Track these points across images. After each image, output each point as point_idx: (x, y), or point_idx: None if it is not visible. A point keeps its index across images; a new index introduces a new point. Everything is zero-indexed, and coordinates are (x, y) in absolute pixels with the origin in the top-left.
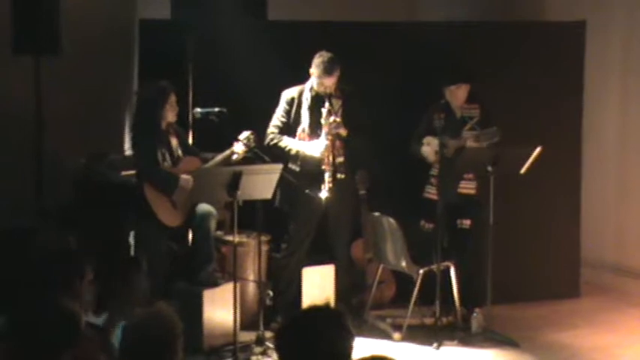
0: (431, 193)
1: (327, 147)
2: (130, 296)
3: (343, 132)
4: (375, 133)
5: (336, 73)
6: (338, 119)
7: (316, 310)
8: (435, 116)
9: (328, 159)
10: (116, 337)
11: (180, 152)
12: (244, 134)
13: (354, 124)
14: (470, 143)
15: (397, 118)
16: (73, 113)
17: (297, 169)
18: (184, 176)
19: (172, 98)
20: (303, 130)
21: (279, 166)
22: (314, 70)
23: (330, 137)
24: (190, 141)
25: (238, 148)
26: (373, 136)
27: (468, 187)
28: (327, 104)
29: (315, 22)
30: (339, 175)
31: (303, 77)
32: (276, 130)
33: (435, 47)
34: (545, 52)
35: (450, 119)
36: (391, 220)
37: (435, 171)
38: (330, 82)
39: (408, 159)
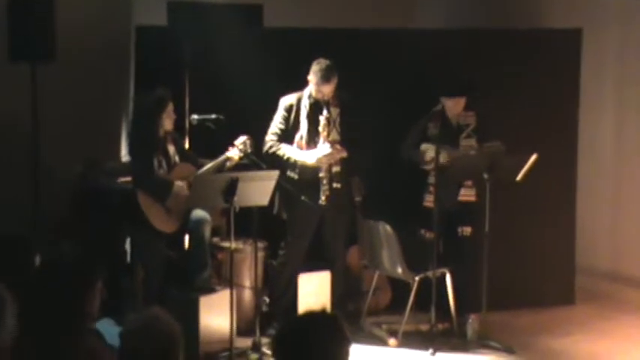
0: (430, 201)
1: (325, 156)
2: None
3: (344, 155)
4: (372, 140)
5: (334, 81)
6: (339, 147)
7: (312, 316)
8: (429, 124)
9: (326, 168)
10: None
11: (177, 159)
12: (240, 139)
13: (351, 131)
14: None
15: (394, 126)
16: (69, 120)
17: (296, 176)
18: (178, 183)
19: (170, 106)
20: (301, 138)
21: (276, 173)
22: (312, 78)
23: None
24: (187, 148)
25: (233, 153)
26: (370, 145)
27: (467, 194)
28: (325, 112)
29: (312, 29)
30: (334, 185)
31: (300, 84)
32: (274, 138)
33: (433, 55)
34: (542, 60)
35: (446, 127)
36: (387, 226)
37: (432, 179)
38: (328, 89)
39: (404, 166)
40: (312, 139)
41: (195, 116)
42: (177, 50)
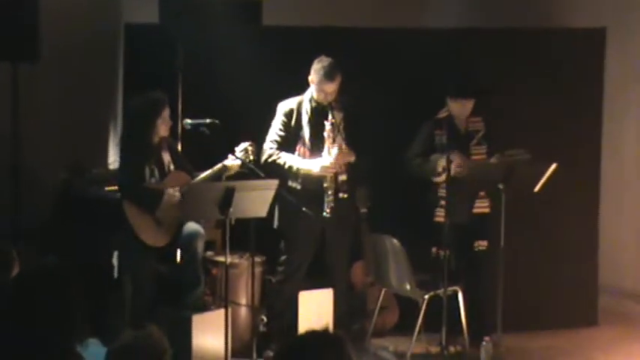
0: (441, 216)
1: (331, 164)
2: None
3: (352, 159)
4: (377, 147)
5: (338, 79)
6: (344, 147)
7: (314, 336)
8: (436, 132)
9: (331, 177)
10: None
11: (172, 168)
12: (242, 146)
13: (355, 138)
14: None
15: (401, 132)
16: (53, 124)
17: (299, 187)
18: (170, 190)
19: (166, 112)
20: (304, 145)
21: (275, 182)
22: (313, 77)
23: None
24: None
25: (232, 162)
26: (375, 151)
27: (481, 206)
28: (330, 117)
29: (314, 28)
30: (341, 195)
31: (301, 86)
32: (274, 146)
33: (442, 56)
34: (562, 62)
35: (454, 134)
36: (394, 240)
37: (443, 192)
38: (332, 88)
39: (411, 176)
40: (315, 146)
41: (188, 120)
42: (170, 50)
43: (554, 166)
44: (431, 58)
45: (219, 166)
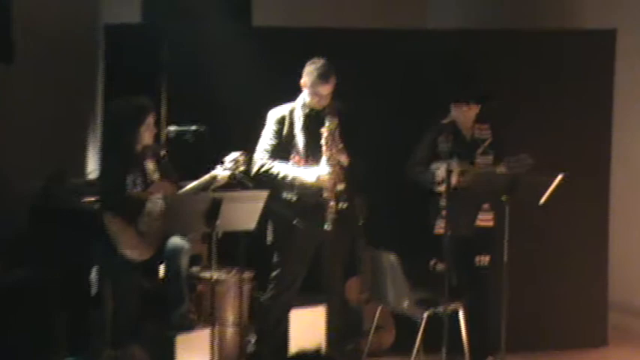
0: (442, 228)
1: (329, 173)
2: None
3: (345, 160)
4: (373, 154)
5: (333, 80)
6: (340, 145)
7: (305, 357)
8: (440, 138)
9: (331, 186)
10: None
11: (156, 177)
12: (232, 156)
13: (351, 145)
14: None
15: (399, 140)
16: (28, 130)
17: (294, 198)
18: (153, 197)
19: (150, 119)
20: (298, 154)
21: (265, 194)
22: (306, 80)
23: (332, 162)
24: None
25: (221, 172)
26: (371, 159)
27: (485, 218)
28: (327, 123)
29: (307, 28)
30: (341, 205)
31: (293, 90)
32: (266, 156)
33: (445, 59)
34: (570, 65)
35: (459, 142)
36: (391, 256)
37: (444, 202)
38: (326, 91)
39: (411, 186)
40: (311, 155)
41: (172, 128)
42: (153, 52)
43: (560, 176)
44: (432, 61)
45: (207, 176)
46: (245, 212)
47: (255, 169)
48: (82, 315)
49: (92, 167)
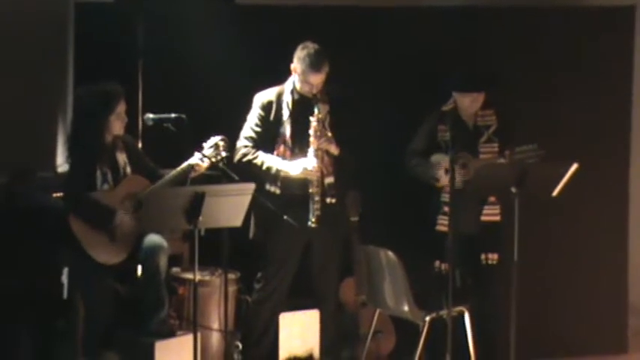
0: (444, 224)
1: (316, 166)
2: None
3: (334, 150)
4: (368, 146)
5: (325, 69)
6: (329, 133)
7: None
8: (439, 127)
9: (317, 180)
10: None
11: (129, 170)
12: (211, 141)
13: (343, 135)
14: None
15: (396, 128)
16: None
17: (277, 191)
18: (121, 214)
19: (121, 106)
20: (284, 143)
21: (252, 187)
22: (296, 66)
23: (319, 153)
24: (145, 155)
25: (199, 160)
26: (366, 150)
27: (491, 212)
28: (316, 111)
29: (295, 6)
30: (328, 200)
31: (281, 74)
32: (249, 144)
33: (447, 39)
34: (586, 44)
35: (460, 130)
36: (390, 253)
37: (446, 197)
38: (318, 79)
39: (410, 178)
40: (298, 145)
41: (150, 115)
42: (128, 33)
43: (575, 166)
44: (432, 42)
45: (183, 165)
46: (230, 207)
47: (237, 157)
48: (51, 321)
49: (62, 159)
